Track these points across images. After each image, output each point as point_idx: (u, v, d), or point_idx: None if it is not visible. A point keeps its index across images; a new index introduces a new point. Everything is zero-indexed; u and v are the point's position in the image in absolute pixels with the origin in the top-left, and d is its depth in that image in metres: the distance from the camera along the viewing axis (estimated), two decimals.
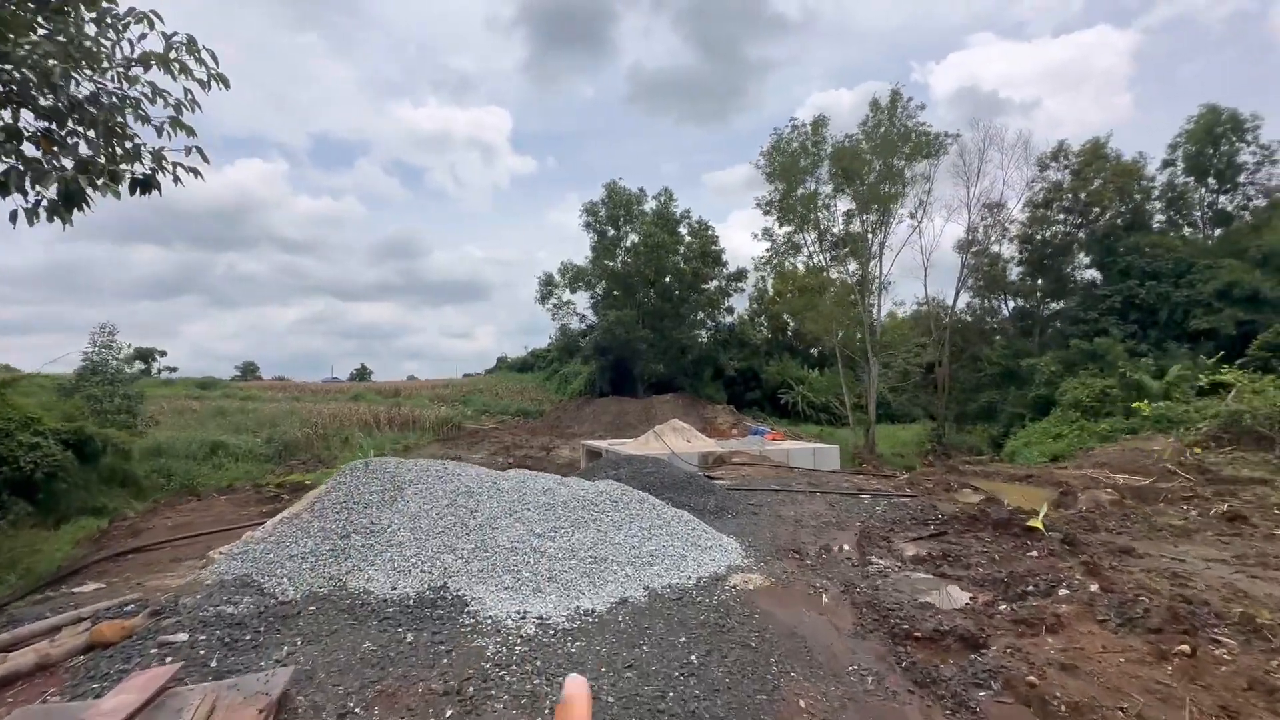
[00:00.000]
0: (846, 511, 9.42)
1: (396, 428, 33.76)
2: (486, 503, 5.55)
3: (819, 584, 5.24)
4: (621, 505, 5.91)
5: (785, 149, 29.16)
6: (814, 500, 10.47)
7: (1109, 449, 17.84)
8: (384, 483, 5.86)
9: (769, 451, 20.44)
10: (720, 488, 9.99)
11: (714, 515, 8.28)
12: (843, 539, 7.18)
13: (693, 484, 9.06)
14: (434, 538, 5.13)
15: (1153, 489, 10.34)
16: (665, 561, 5.35)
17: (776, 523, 8.22)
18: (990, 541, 6.26)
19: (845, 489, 11.75)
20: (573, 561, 4.99)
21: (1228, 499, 9.50)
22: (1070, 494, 11.86)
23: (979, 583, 4.91)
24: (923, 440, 31.10)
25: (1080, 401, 21.53)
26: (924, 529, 7.37)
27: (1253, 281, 21.10)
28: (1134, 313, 23.91)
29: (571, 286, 39.14)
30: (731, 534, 7.33)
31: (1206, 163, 26.73)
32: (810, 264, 31.03)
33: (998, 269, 30.90)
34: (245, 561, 5.13)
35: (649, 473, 9.16)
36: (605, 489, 6.15)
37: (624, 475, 9.11)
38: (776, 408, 39.83)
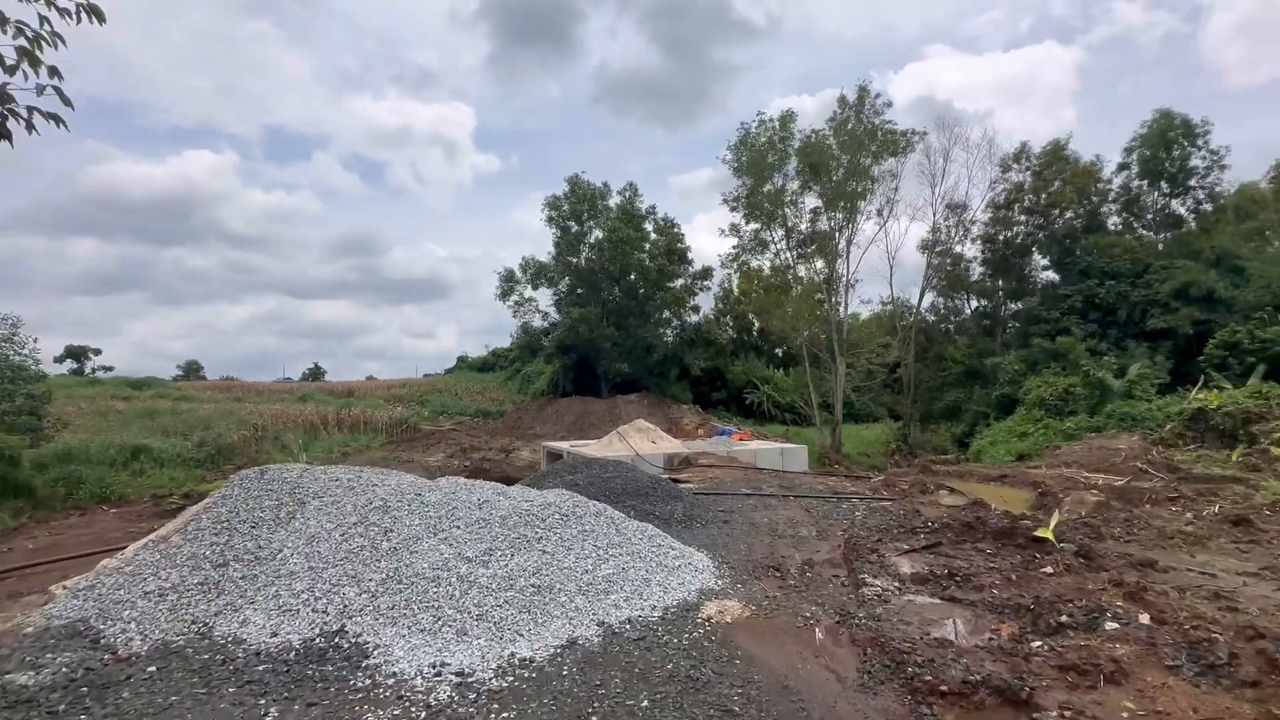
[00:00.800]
0: (825, 517, 8.66)
1: (346, 429, 31.94)
2: (406, 520, 4.50)
3: (808, 612, 4.39)
4: (573, 519, 4.94)
5: (752, 144, 28.62)
6: (788, 505, 9.69)
7: (1075, 447, 17.70)
8: (281, 496, 4.76)
9: (736, 452, 19.72)
10: (688, 493, 9.11)
11: (682, 525, 7.38)
12: (826, 551, 6.38)
13: (658, 490, 8.16)
14: (335, 565, 4.08)
15: (1134, 489, 9.92)
16: (625, 588, 4.41)
17: (751, 532, 7.38)
18: (993, 554, 5.53)
19: (820, 492, 11.03)
20: (510, 593, 4.00)
21: (1214, 499, 9.11)
22: (1048, 494, 11.41)
23: (997, 608, 4.13)
24: (888, 440, 30.98)
25: (1044, 400, 21.49)
26: (913, 539, 6.63)
27: (1208, 282, 21.43)
28: (1094, 312, 24.11)
29: (533, 283, 37.88)
30: (702, 547, 6.44)
31: (1160, 166, 27.26)
32: (777, 262, 30.59)
33: (960, 269, 31.00)
34: (88, 600, 3.98)
35: (609, 478, 8.21)
36: (555, 500, 5.17)
37: (581, 481, 8.14)
38: (742, 408, 39.38)
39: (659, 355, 37.87)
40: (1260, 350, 18.41)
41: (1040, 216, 27.95)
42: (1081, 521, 6.39)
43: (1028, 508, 10.71)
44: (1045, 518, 8.02)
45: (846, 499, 10.04)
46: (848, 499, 10.03)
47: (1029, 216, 29.27)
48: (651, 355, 37.66)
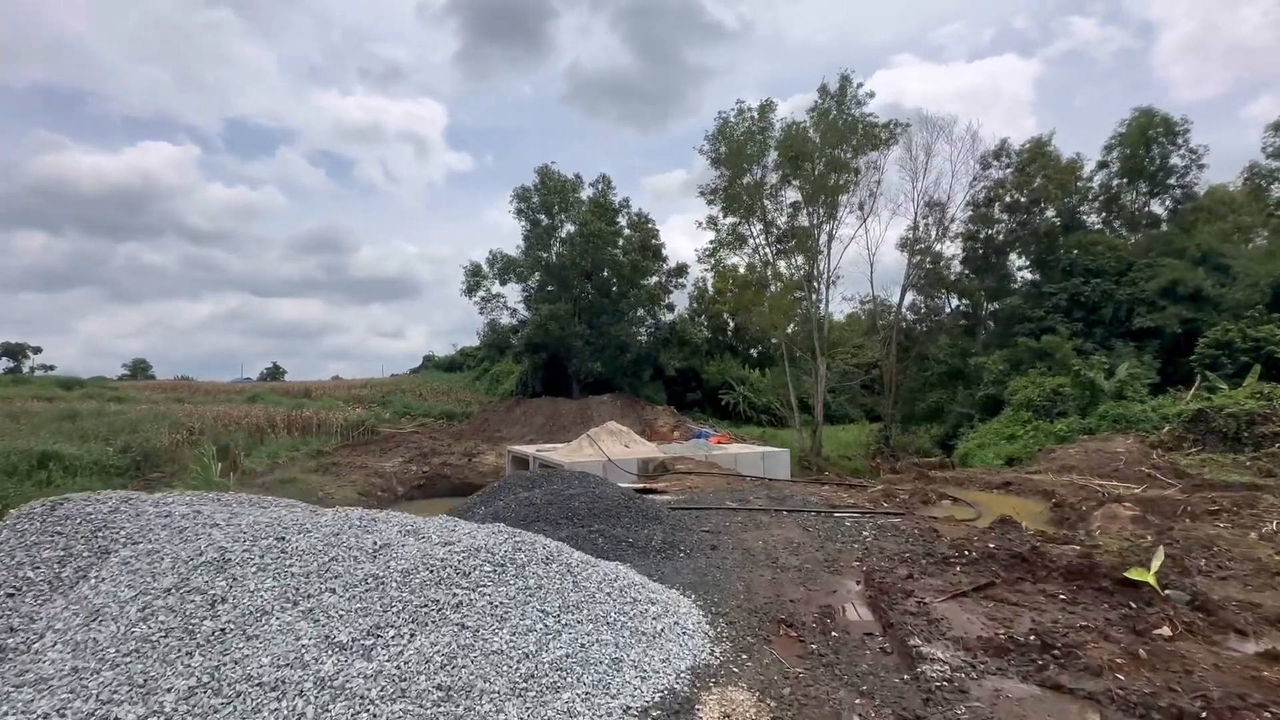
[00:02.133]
0: (828, 538, 7.33)
1: (297, 432, 29.76)
2: (252, 582, 2.97)
3: (853, 702, 3.02)
4: (512, 572, 3.47)
5: (731, 134, 27.42)
6: (783, 523, 8.35)
7: (1071, 450, 16.81)
8: (73, 543, 3.20)
9: (715, 457, 18.40)
10: (667, 511, 7.69)
11: (661, 555, 5.96)
12: (845, 591, 5.03)
13: (632, 509, 6.72)
14: (116, 665, 2.54)
15: (1166, 501, 8.87)
16: (585, 679, 2.97)
17: (746, 562, 5.99)
18: (1071, 602, 4.25)
19: (815, 505, 9.73)
20: (401, 704, 2.53)
21: (1258, 513, 8.08)
22: (1064, 505, 10.33)
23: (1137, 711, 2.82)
24: (868, 442, 30.10)
25: (1032, 401, 20.69)
26: (949, 572, 5.33)
27: (1194, 280, 20.92)
28: (1078, 310, 23.50)
29: (501, 278, 36.08)
30: (689, 588, 5.03)
31: (1140, 165, 26.90)
32: (755, 258, 29.44)
33: (940, 267, 30.29)
34: None
35: (572, 495, 6.74)
36: (487, 542, 3.67)
37: (539, 499, 6.65)
38: (717, 409, 38.22)
39: (633, 355, 36.44)
40: (1254, 349, 17.84)
41: (1023, 214, 27.34)
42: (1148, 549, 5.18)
43: (1045, 522, 9.60)
44: (1085, 538, 6.82)
45: (850, 514, 8.75)
46: (851, 514, 8.74)
47: (1010, 214, 28.67)
48: (625, 354, 36.21)
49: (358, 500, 19.38)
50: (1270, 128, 28.68)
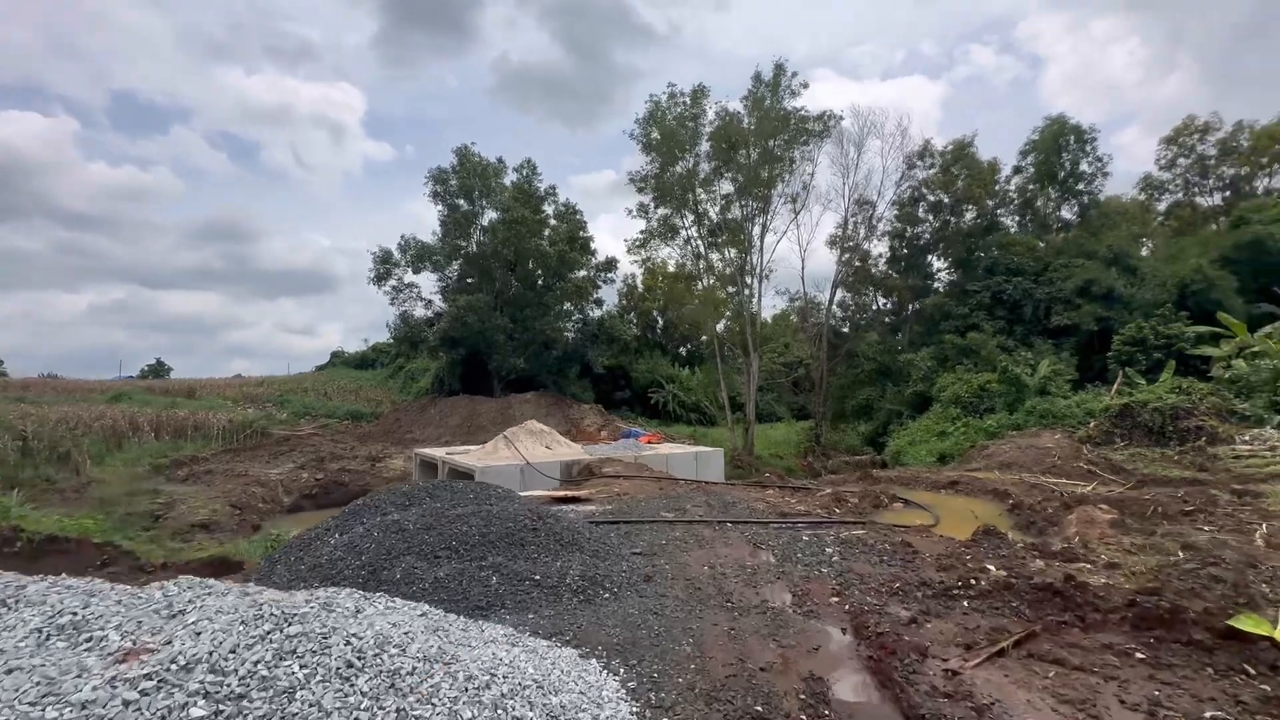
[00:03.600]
0: (788, 558, 5.97)
1: (169, 435, 25.90)
2: None
3: None
4: (312, 684, 1.76)
5: (662, 119, 26.16)
6: (728, 537, 6.95)
7: (1004, 446, 16.59)
8: None
9: (646, 458, 16.95)
10: (588, 530, 6.09)
11: (578, 599, 4.37)
12: (832, 648, 3.65)
13: (541, 531, 5.07)
14: None
15: (1139, 502, 8.20)
16: None
17: (692, 602, 4.51)
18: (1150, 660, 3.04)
19: (762, 514, 8.43)
20: None
21: (1227, 510, 7.49)
22: (1021, 507, 9.59)
23: None
24: (798, 440, 29.73)
25: (960, 398, 20.62)
26: (956, 607, 4.06)
27: (1108, 280, 21.59)
28: (1000, 309, 23.88)
29: (415, 266, 33.15)
30: (614, 652, 3.48)
31: (1053, 170, 27.90)
32: (687, 249, 28.32)
33: (868, 265, 30.39)
34: None
35: (460, 517, 5.01)
36: (220, 648, 1.87)
37: (412, 524, 4.87)
38: (647, 408, 36.98)
39: (559, 351, 34.53)
40: (1165, 346, 18.38)
41: (946, 214, 27.70)
42: (1209, 573, 4.12)
43: (1010, 526, 8.75)
44: (1083, 550, 5.79)
45: (805, 525, 7.47)
46: (807, 526, 7.46)
47: (934, 215, 29.05)
48: (550, 351, 34.24)
49: (230, 515, 16.53)
50: (1163, 142, 30.59)
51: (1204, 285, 20.20)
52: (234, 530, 15.55)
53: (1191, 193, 32.31)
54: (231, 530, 15.52)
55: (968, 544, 6.09)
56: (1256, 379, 14.24)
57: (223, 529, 15.39)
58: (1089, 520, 7.20)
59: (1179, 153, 31.96)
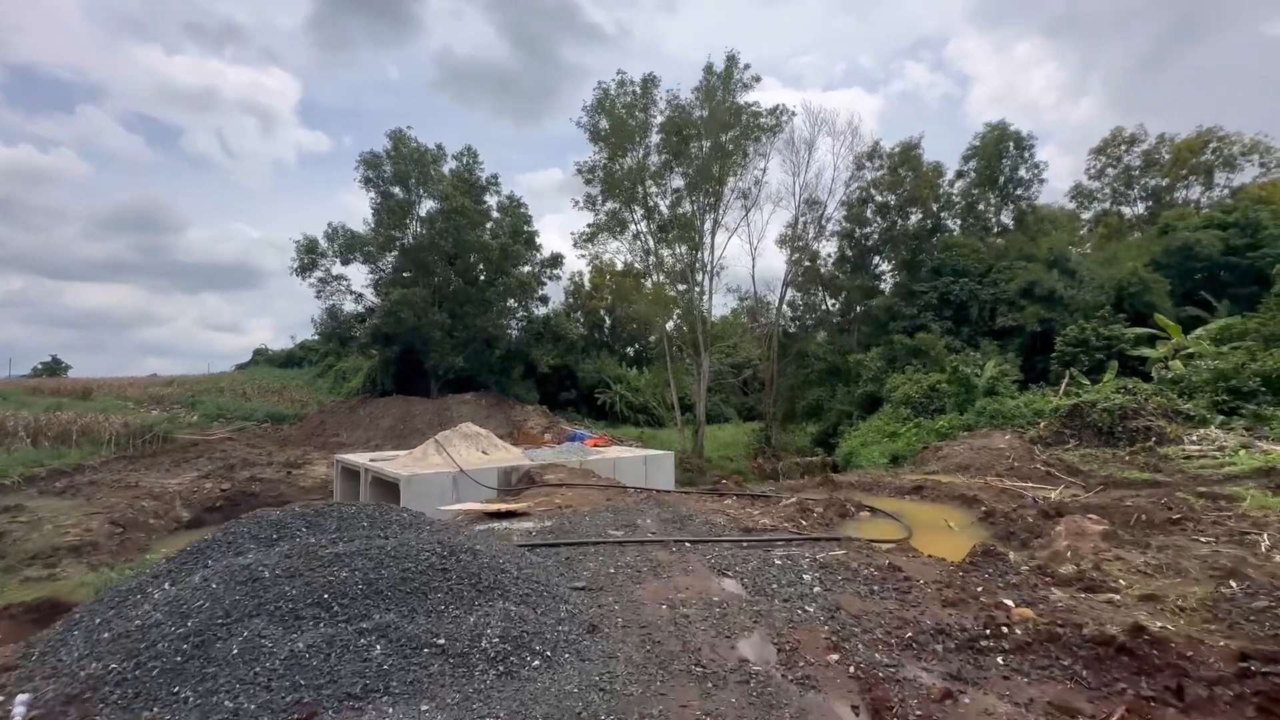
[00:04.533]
0: (763, 591, 4.97)
1: (51, 441, 22.87)
2: None
3: None
4: None
5: (611, 107, 25.07)
6: (689, 561, 5.90)
7: (957, 448, 16.31)
8: None
9: (592, 463, 15.76)
10: (516, 561, 4.90)
11: (498, 671, 3.20)
12: None
13: (450, 574, 3.85)
14: None
15: (1117, 508, 7.68)
16: None
17: (650, 665, 3.43)
18: None
19: (723, 529, 7.44)
20: None
21: (1214, 519, 7.03)
22: (995, 515, 8.98)
23: None
24: (748, 442, 29.22)
25: (910, 398, 20.43)
26: (991, 668, 3.15)
27: (1049, 282, 21.93)
28: (947, 309, 24.00)
29: (344, 257, 30.78)
30: None
31: (994, 174, 28.45)
32: (636, 244, 27.31)
33: (816, 266, 30.24)
34: None
35: (338, 558, 3.74)
36: None
37: (269, 571, 3.56)
38: (593, 409, 35.83)
39: (501, 350, 32.89)
40: (1106, 347, 18.66)
41: (895, 215, 27.78)
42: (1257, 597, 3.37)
43: (988, 537, 8.09)
44: (1096, 574, 5.04)
45: (778, 544, 6.51)
46: (779, 544, 6.50)
47: (881, 216, 29.14)
48: (493, 350, 32.56)
49: (109, 534, 14.30)
50: (1092, 152, 31.79)
51: (1140, 288, 20.77)
52: (113, 553, 13.39)
53: (1119, 201, 33.88)
54: (110, 553, 13.36)
55: (965, 567, 5.24)
56: (1198, 379, 14.41)
57: (98, 551, 13.22)
58: (1079, 532, 6.55)
59: (1107, 162, 33.42)
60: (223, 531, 4.31)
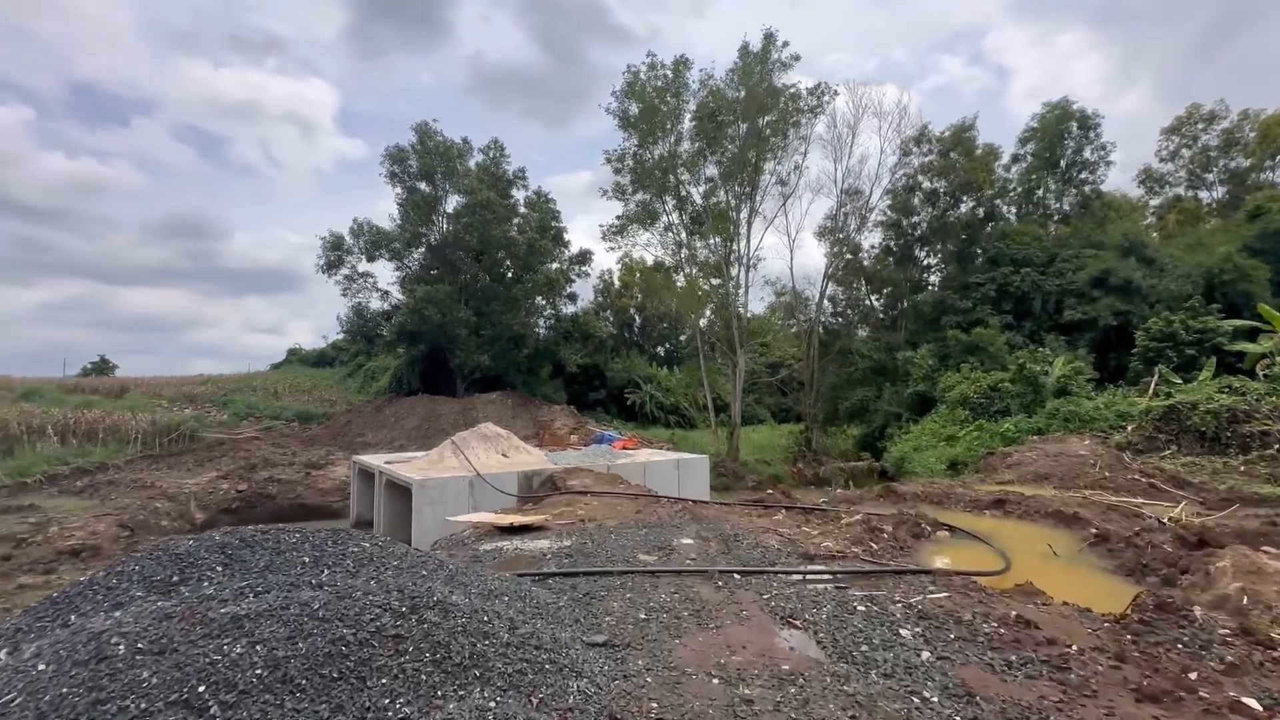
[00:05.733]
0: (848, 655, 3.63)
1: (79, 439, 22.68)
2: None
3: None
4: None
5: (642, 91, 23.81)
6: (741, 602, 4.60)
7: (1026, 453, 14.55)
8: None
9: (620, 467, 14.51)
10: (511, 610, 3.68)
11: None
12: None
13: (407, 643, 2.64)
14: None
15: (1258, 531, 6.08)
16: None
17: None
18: None
19: (776, 552, 6.10)
20: None
21: None
22: (1108, 539, 7.41)
23: None
24: (785, 444, 27.61)
25: (969, 398, 18.65)
26: None
27: (1125, 271, 19.84)
28: (1007, 302, 22.04)
29: (369, 254, 30.25)
30: None
31: (1055, 158, 26.28)
32: (667, 237, 25.98)
33: (859, 258, 28.44)
34: None
35: (237, 622, 2.52)
36: None
37: (130, 642, 2.38)
38: (623, 409, 34.60)
39: (529, 349, 31.92)
40: (1197, 342, 16.60)
41: (946, 202, 25.84)
42: None
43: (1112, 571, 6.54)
44: None
45: (844, 577, 5.14)
46: (845, 577, 5.13)
47: (931, 204, 27.20)
48: (520, 348, 31.61)
49: (115, 537, 13.62)
50: (1164, 132, 29.23)
51: (1234, 276, 18.57)
52: (118, 557, 12.72)
53: (1194, 185, 31.10)
54: (115, 557, 12.70)
55: (1134, 626, 3.79)
56: None
57: (100, 557, 12.52)
58: (1253, 569, 5.00)
59: (1182, 143, 30.72)
60: (108, 571, 3.16)
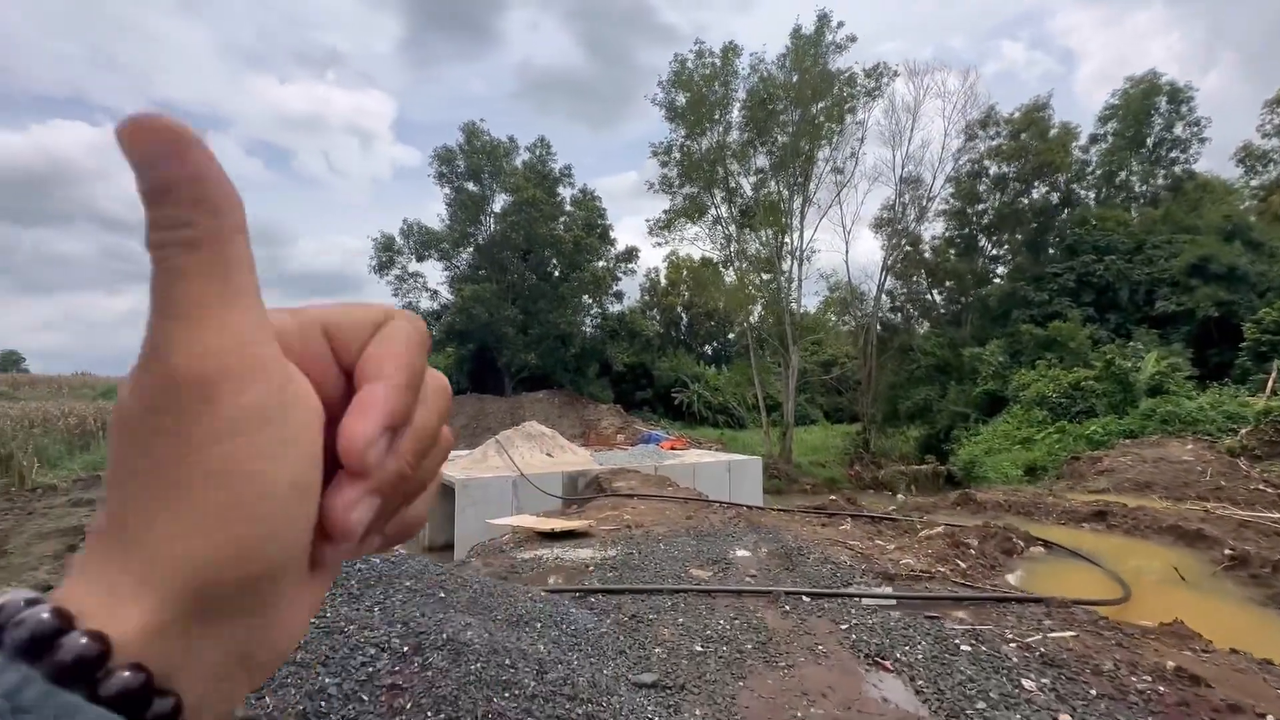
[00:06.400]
0: (959, 712, 2.88)
1: None
2: None
3: None
4: None
5: (689, 80, 23.08)
6: (815, 632, 3.89)
7: (1120, 459, 13.12)
8: None
9: (668, 469, 13.87)
10: (540, 666, 3.10)
11: None
12: None
13: (408, 693, 2.09)
14: None
15: None
16: None
17: None
18: None
19: (848, 569, 5.34)
20: None
21: None
22: (1248, 562, 6.31)
23: None
24: (840, 445, 26.32)
25: (1046, 397, 17.16)
26: None
27: (1228, 256, 17.85)
28: (1088, 293, 20.24)
29: (419, 254, 30.61)
30: None
31: (1141, 136, 24.10)
32: (716, 230, 25.15)
33: (919, 250, 26.86)
34: None
35: None
36: None
37: None
38: (670, 408, 33.92)
39: (576, 347, 31.65)
40: None
41: (1019, 185, 24.06)
42: None
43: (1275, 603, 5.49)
44: None
45: (935, 605, 4.36)
46: (937, 604, 4.35)
47: (999, 190, 25.42)
48: (567, 347, 31.38)
49: None
50: (1267, 105, 26.43)
51: None
52: None
53: None
54: None
55: None
56: None
57: None
58: None
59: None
60: None
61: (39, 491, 16.37)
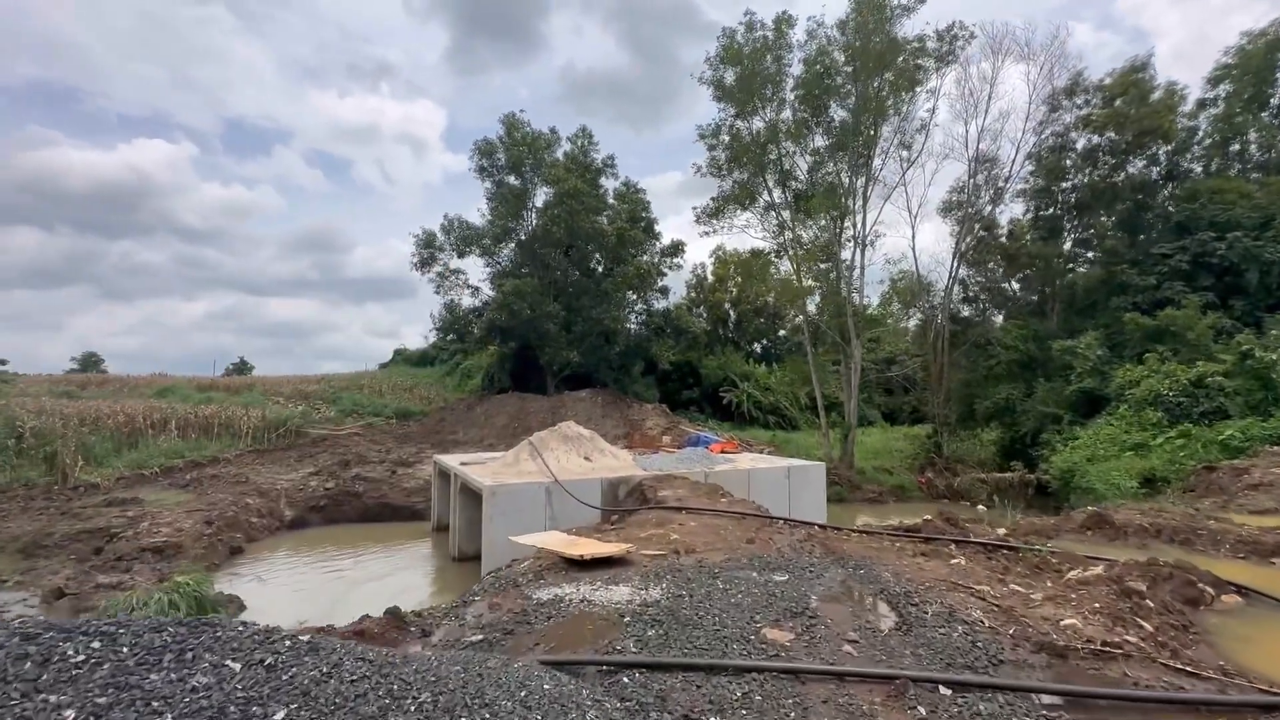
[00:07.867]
0: None
1: (197, 433, 23.67)
2: None
3: None
4: None
5: (738, 55, 21.41)
6: None
7: (1272, 469, 10.88)
8: None
9: (720, 475, 12.33)
10: None
11: None
12: None
13: None
14: None
15: None
16: None
17: None
18: None
19: (982, 631, 3.76)
20: None
21: None
22: None
23: None
24: (907, 450, 24.07)
25: (1161, 396, 14.76)
26: None
27: None
28: (1205, 275, 17.55)
29: (460, 250, 29.99)
30: None
31: (1263, 95, 21.00)
32: (768, 218, 23.36)
33: (995, 234, 24.33)
34: None
35: None
36: None
37: None
38: (718, 408, 32.25)
39: (619, 345, 30.42)
40: None
41: (1114, 157, 21.36)
42: None
43: None
44: None
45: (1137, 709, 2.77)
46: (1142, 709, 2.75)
47: (1089, 165, 22.68)
48: (611, 345, 30.19)
49: (198, 535, 13.21)
50: None
51: None
52: (198, 556, 12.25)
53: None
54: (196, 556, 12.24)
55: None
56: None
57: (181, 555, 12.08)
58: None
59: None
60: None
61: (80, 490, 16.24)
